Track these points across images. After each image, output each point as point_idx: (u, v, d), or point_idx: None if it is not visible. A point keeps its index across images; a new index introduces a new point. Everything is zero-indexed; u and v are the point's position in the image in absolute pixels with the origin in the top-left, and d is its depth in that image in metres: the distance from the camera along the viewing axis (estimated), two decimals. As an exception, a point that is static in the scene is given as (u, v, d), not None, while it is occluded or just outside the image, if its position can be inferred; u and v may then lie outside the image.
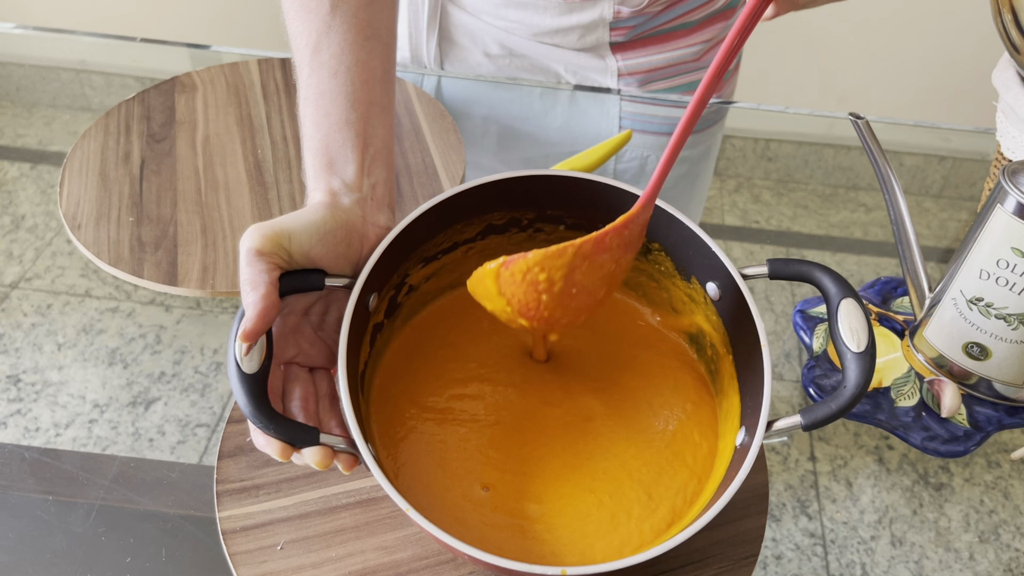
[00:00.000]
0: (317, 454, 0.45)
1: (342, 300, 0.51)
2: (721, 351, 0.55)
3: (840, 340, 0.46)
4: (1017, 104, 0.71)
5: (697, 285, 0.55)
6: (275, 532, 0.53)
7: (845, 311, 0.47)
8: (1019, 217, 0.58)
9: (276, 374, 0.49)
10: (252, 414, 0.44)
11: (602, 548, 0.49)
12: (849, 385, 0.46)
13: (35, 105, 0.99)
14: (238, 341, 0.44)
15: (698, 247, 0.53)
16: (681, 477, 0.53)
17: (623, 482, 0.52)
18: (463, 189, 0.54)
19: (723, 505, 0.43)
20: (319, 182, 0.52)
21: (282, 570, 0.52)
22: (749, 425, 0.48)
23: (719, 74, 0.45)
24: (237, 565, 0.52)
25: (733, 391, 0.53)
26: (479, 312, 0.60)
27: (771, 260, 0.50)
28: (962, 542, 0.62)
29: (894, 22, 1.64)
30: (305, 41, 0.55)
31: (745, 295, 0.50)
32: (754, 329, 0.49)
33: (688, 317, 0.58)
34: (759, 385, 0.48)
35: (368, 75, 0.54)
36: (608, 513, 0.51)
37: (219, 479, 0.56)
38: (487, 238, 0.59)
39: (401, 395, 0.56)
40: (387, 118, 0.55)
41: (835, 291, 0.48)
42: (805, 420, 0.46)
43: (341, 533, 0.54)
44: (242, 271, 0.46)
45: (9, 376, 0.69)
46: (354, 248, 0.51)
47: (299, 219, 0.48)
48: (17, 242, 0.81)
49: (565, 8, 0.83)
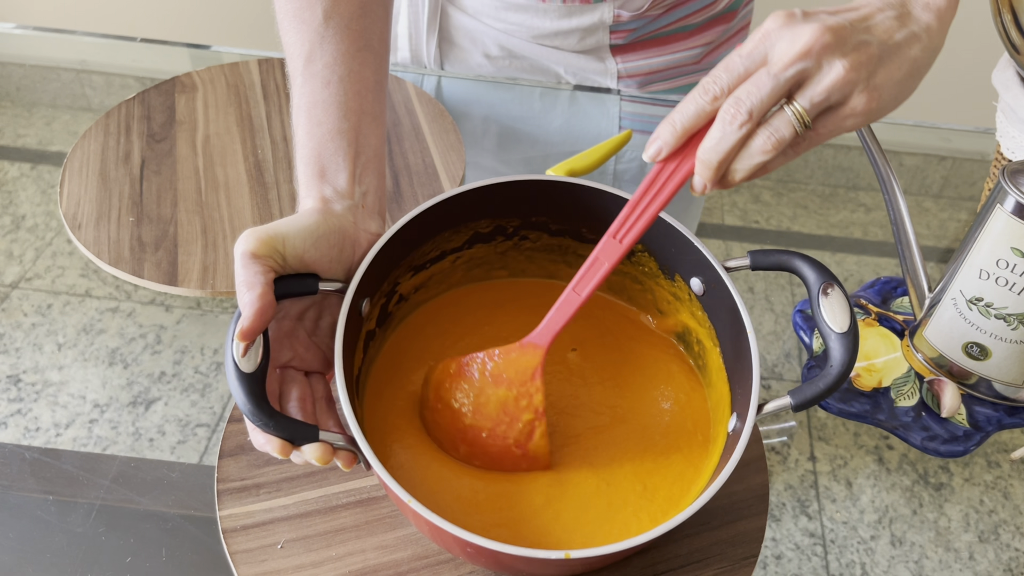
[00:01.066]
0: (317, 450, 0.45)
1: (335, 306, 0.51)
2: (708, 344, 0.55)
3: (823, 323, 0.48)
4: (1017, 104, 0.71)
5: (681, 283, 0.56)
6: (275, 531, 0.53)
7: (826, 295, 0.48)
8: (1019, 217, 0.58)
9: (273, 377, 0.49)
10: (251, 412, 0.44)
11: (602, 537, 0.50)
12: (835, 364, 0.47)
13: (35, 105, 0.99)
14: (235, 341, 0.45)
15: (681, 244, 0.54)
16: (677, 466, 0.53)
17: (620, 473, 0.53)
18: (449, 196, 0.54)
19: (718, 487, 0.44)
20: (311, 189, 0.52)
21: (282, 569, 0.52)
22: (740, 411, 0.49)
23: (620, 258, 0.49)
24: (237, 564, 0.52)
25: (722, 381, 0.54)
26: (469, 317, 0.61)
27: (752, 252, 0.51)
28: (962, 542, 0.62)
29: (894, 22, 1.64)
30: (298, 51, 0.55)
31: (729, 286, 0.51)
32: (740, 319, 0.50)
33: (674, 316, 0.59)
34: (748, 373, 0.49)
35: (360, 85, 0.55)
36: (606, 503, 0.51)
37: (220, 478, 0.56)
38: (474, 247, 0.59)
39: (394, 399, 0.56)
40: (379, 127, 0.56)
41: (815, 277, 0.49)
42: (795, 400, 0.47)
43: (341, 532, 0.54)
44: (237, 274, 0.46)
45: (9, 376, 0.70)
46: (347, 253, 0.51)
47: (293, 223, 0.49)
48: (17, 242, 0.81)
49: (565, 11, 0.83)
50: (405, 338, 0.59)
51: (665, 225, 0.54)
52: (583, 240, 0.59)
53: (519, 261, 0.62)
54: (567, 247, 0.60)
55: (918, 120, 0.98)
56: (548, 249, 0.61)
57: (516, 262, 0.62)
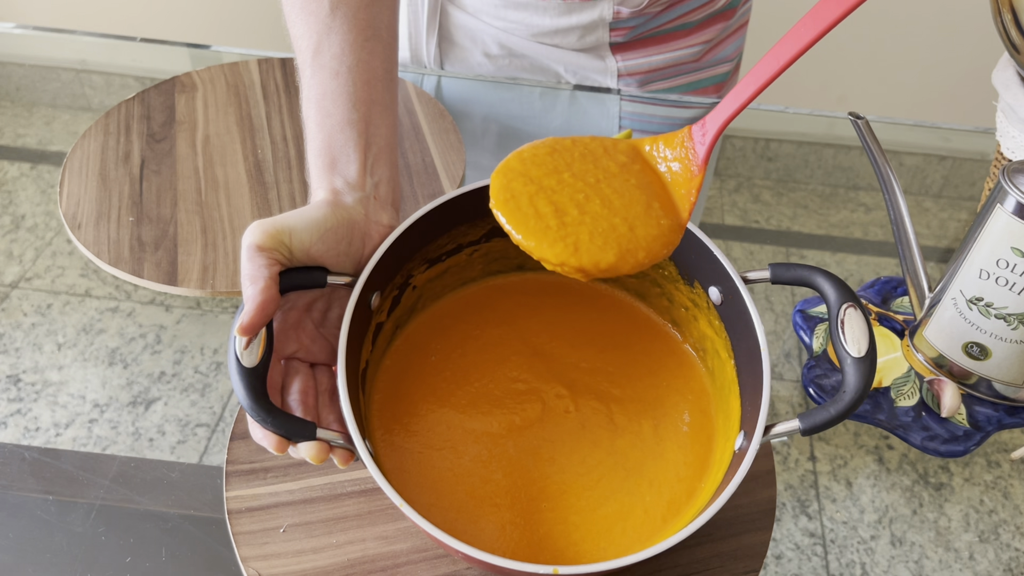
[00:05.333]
0: (312, 448, 0.45)
1: (344, 298, 0.51)
2: (723, 355, 0.55)
3: (841, 345, 0.46)
4: (1017, 104, 0.71)
5: (700, 290, 0.55)
6: (279, 515, 0.54)
7: (846, 316, 0.47)
8: (1019, 217, 0.58)
9: (276, 368, 0.49)
10: (250, 407, 0.44)
11: (606, 543, 0.49)
12: (849, 390, 0.45)
13: (35, 105, 0.99)
14: (237, 335, 0.44)
15: (701, 251, 0.53)
16: (683, 479, 0.53)
17: (625, 483, 0.52)
18: (466, 191, 0.54)
19: (718, 508, 0.43)
20: (322, 181, 0.52)
21: (282, 552, 0.52)
22: (748, 429, 0.48)
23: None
24: (239, 545, 0.52)
25: (734, 395, 0.53)
26: (486, 312, 0.60)
27: (773, 264, 0.51)
28: (962, 542, 0.62)
29: (894, 22, 1.64)
30: (306, 43, 0.55)
31: (746, 300, 0.50)
32: (754, 334, 0.49)
33: (691, 322, 0.58)
34: (759, 390, 0.48)
35: (369, 75, 0.55)
36: (606, 514, 0.51)
37: (229, 459, 0.56)
38: (491, 240, 0.59)
39: (405, 393, 0.56)
40: (390, 117, 0.56)
41: (836, 296, 0.48)
42: (804, 425, 0.46)
43: (343, 520, 0.54)
44: (243, 266, 0.46)
45: (9, 376, 0.69)
46: (356, 246, 0.51)
47: (301, 216, 0.48)
48: (17, 242, 0.81)
49: (564, 8, 0.83)
50: (420, 331, 0.59)
51: (687, 231, 0.53)
52: None
53: None
54: None
55: (918, 120, 0.98)
56: None
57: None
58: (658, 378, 0.58)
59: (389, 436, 0.53)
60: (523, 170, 0.47)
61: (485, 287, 0.62)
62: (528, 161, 0.48)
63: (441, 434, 0.54)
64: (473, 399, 0.56)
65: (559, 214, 0.46)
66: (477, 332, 0.59)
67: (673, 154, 0.49)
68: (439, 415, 0.55)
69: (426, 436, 0.54)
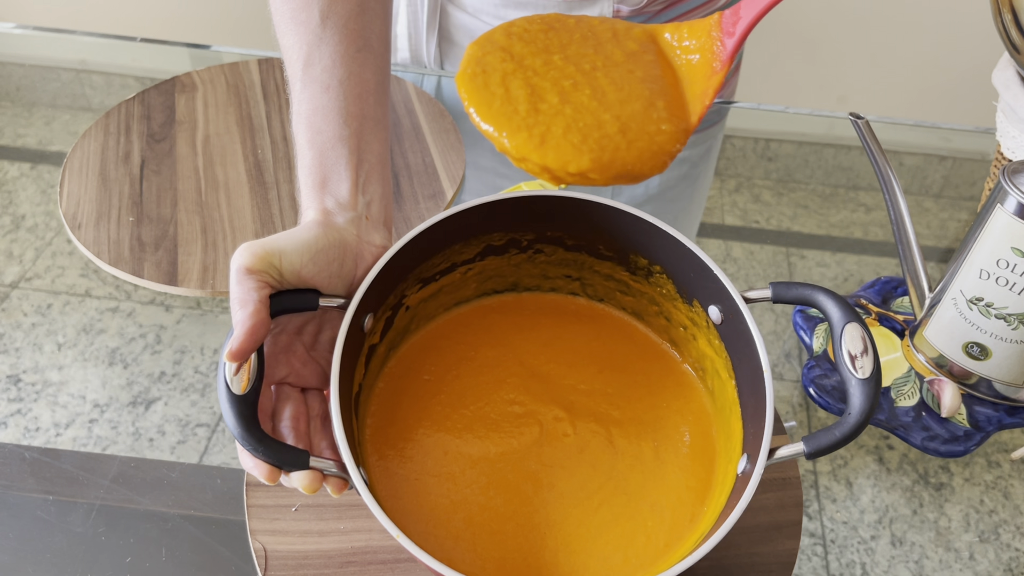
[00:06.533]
0: (305, 478, 0.44)
1: (336, 320, 0.49)
2: (724, 375, 0.53)
3: (844, 365, 0.45)
4: (1017, 104, 0.71)
5: (699, 308, 0.54)
6: (294, 494, 0.55)
7: (849, 336, 0.46)
8: (1019, 217, 0.58)
9: (267, 394, 0.48)
10: (241, 436, 0.42)
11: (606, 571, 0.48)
12: (854, 412, 0.44)
13: (35, 105, 0.99)
14: (227, 360, 0.43)
15: (700, 269, 0.52)
16: (685, 502, 0.51)
17: (625, 506, 0.51)
18: (459, 210, 0.52)
19: (722, 536, 0.42)
20: (312, 200, 0.50)
21: (289, 530, 0.53)
22: (751, 452, 0.47)
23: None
24: (251, 517, 0.53)
25: (735, 416, 0.51)
26: (481, 333, 0.58)
27: (774, 284, 0.49)
28: (962, 542, 0.62)
29: (894, 22, 1.64)
30: (296, 54, 0.54)
31: (747, 320, 0.49)
32: (756, 354, 0.48)
33: (690, 342, 0.56)
34: (761, 410, 0.46)
35: (361, 88, 0.53)
36: (608, 541, 0.50)
37: None
38: (486, 259, 0.57)
39: (399, 417, 0.54)
40: (382, 132, 0.54)
41: (838, 316, 0.47)
42: (808, 448, 0.45)
43: (354, 508, 0.54)
44: (232, 290, 0.45)
45: (9, 376, 0.69)
46: (348, 268, 0.49)
47: (291, 238, 0.47)
48: (17, 242, 0.81)
49: (565, 7, 0.83)
50: (414, 353, 0.57)
51: (682, 248, 0.51)
52: (600, 256, 0.57)
53: (533, 276, 0.60)
54: (583, 262, 0.58)
55: (918, 120, 0.98)
56: (564, 263, 0.58)
57: (530, 276, 0.60)
58: (658, 399, 0.56)
59: (383, 462, 0.52)
60: (506, 44, 0.41)
61: (479, 307, 0.60)
62: (516, 36, 0.42)
63: (437, 459, 0.52)
64: (469, 423, 0.54)
65: (533, 99, 0.40)
66: (472, 353, 0.57)
67: (696, 44, 0.42)
68: (434, 440, 0.53)
69: (422, 462, 0.52)
